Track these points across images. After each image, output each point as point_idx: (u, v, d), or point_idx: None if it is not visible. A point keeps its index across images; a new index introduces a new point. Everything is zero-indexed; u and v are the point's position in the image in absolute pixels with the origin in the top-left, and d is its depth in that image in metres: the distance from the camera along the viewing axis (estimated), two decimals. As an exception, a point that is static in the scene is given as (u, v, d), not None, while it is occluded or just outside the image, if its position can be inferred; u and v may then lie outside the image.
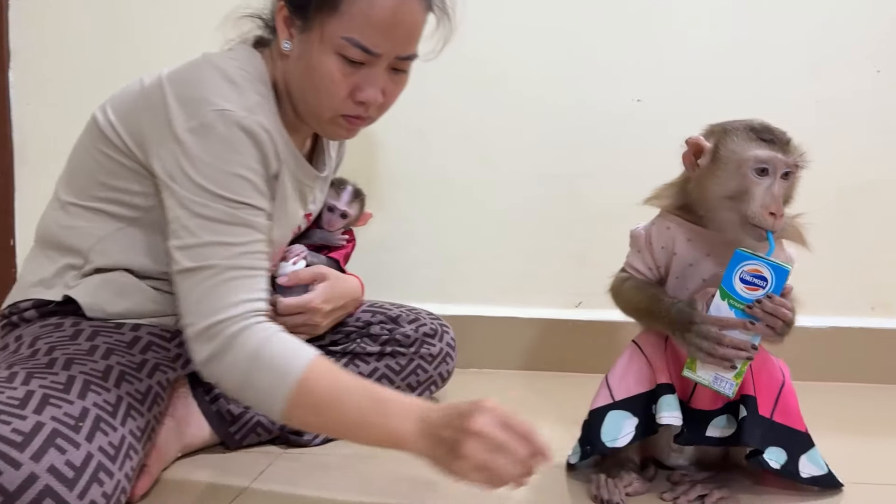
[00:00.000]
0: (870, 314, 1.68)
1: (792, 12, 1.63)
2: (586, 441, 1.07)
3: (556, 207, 1.74)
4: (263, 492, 1.06)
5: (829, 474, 1.05)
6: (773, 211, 0.96)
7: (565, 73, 1.70)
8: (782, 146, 0.98)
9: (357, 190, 1.40)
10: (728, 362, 0.96)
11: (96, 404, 0.93)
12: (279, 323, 1.21)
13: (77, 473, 0.85)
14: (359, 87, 1.04)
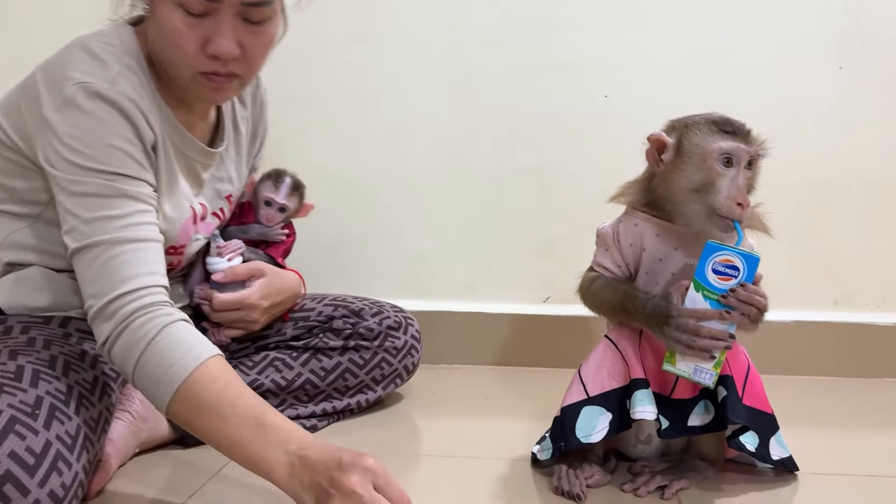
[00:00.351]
0: (833, 308, 1.69)
1: (756, 9, 1.65)
2: (559, 437, 1.05)
3: (525, 203, 1.74)
4: (221, 489, 1.05)
5: (791, 457, 1.08)
6: (739, 201, 0.97)
7: (533, 69, 1.71)
8: (744, 137, 1.00)
9: (296, 182, 1.36)
10: (707, 353, 0.97)
11: (49, 392, 0.92)
12: (214, 319, 1.22)
13: (37, 460, 0.84)
14: (208, 40, 0.99)
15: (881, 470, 1.13)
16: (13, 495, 0.82)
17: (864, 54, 1.63)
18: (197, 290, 1.26)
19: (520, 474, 1.11)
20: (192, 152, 1.14)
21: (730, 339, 0.97)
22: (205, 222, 1.21)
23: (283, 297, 1.30)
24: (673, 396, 1.04)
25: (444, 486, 1.06)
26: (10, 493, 0.82)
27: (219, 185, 1.23)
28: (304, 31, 1.72)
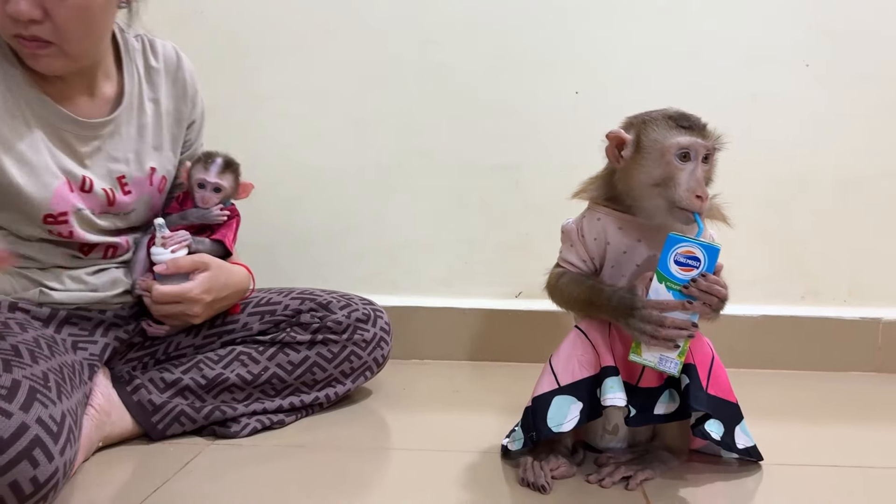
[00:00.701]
0: (800, 303, 1.72)
1: (725, 7, 1.66)
2: (531, 427, 1.06)
3: (496, 198, 1.74)
4: (186, 484, 1.04)
5: (756, 446, 1.09)
6: (698, 193, 0.98)
7: (504, 65, 1.71)
8: (700, 131, 1.01)
9: (228, 160, 1.32)
10: (671, 342, 0.99)
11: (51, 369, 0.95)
12: (153, 311, 1.21)
13: (59, 428, 0.88)
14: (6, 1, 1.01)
15: (844, 460, 1.15)
16: (41, 460, 0.85)
17: (830, 51, 1.66)
18: (139, 281, 1.24)
19: (488, 467, 1.11)
20: (57, 121, 1.13)
21: (693, 329, 0.98)
22: (90, 195, 1.18)
23: (228, 293, 1.28)
24: (640, 385, 1.05)
25: (412, 480, 1.06)
26: (38, 457, 0.84)
27: (111, 163, 1.21)
28: (275, 25, 1.73)
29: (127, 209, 1.24)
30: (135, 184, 1.24)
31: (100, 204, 1.19)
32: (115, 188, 1.21)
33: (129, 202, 1.23)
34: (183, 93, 1.31)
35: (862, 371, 1.68)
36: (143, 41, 1.28)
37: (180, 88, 1.31)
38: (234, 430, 1.21)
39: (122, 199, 1.22)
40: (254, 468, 1.10)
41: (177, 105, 1.31)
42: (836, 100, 1.67)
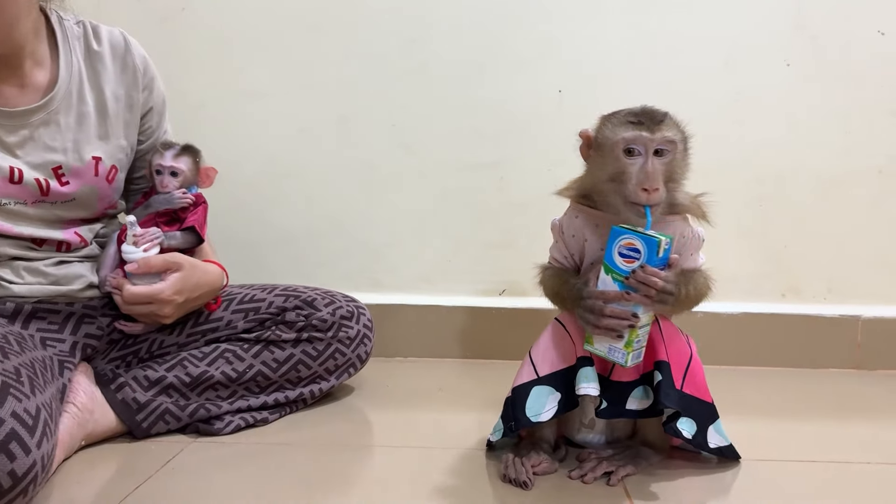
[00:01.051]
0: (780, 300, 1.73)
1: (707, 6, 1.68)
2: (510, 417, 1.07)
3: (480, 196, 1.75)
4: (169, 481, 1.04)
5: (731, 446, 1.10)
6: (645, 186, 0.99)
7: (489, 64, 1.72)
8: (650, 126, 1.01)
9: (185, 146, 1.29)
10: (614, 332, 1.00)
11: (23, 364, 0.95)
12: (124, 310, 1.21)
13: (34, 421, 0.88)
14: None
15: (823, 456, 1.16)
16: (17, 453, 0.84)
17: (811, 51, 1.67)
18: (108, 278, 1.22)
19: (471, 464, 1.12)
20: None
21: (633, 319, 0.99)
22: (20, 185, 1.15)
23: (201, 292, 1.26)
24: (612, 378, 1.06)
25: (395, 477, 1.07)
26: (14, 451, 0.84)
27: (46, 153, 1.17)
28: (259, 21, 1.73)
29: (65, 198, 1.20)
30: (73, 174, 1.20)
31: (31, 194, 1.16)
32: (51, 178, 1.18)
33: (68, 192, 1.19)
34: (134, 78, 1.28)
35: (841, 368, 1.69)
36: (84, 26, 1.25)
37: (130, 74, 1.27)
38: (217, 427, 1.21)
39: (58, 189, 1.18)
40: (236, 466, 1.10)
41: (128, 91, 1.27)
42: (817, 99, 1.68)
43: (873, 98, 1.68)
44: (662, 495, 1.01)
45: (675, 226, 1.07)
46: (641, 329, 1.00)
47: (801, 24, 1.67)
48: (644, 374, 1.05)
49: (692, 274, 1.07)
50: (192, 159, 1.29)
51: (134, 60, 1.28)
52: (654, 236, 0.98)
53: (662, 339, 1.04)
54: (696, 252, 1.09)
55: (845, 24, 1.66)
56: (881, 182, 1.70)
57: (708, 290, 1.09)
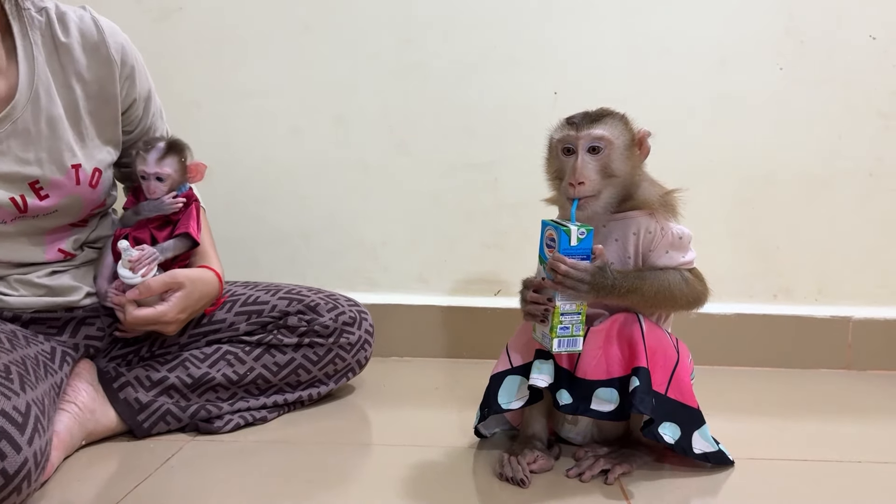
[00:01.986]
0: (772, 301, 1.75)
1: (701, 8, 1.69)
2: (485, 404, 1.12)
3: (476, 196, 1.76)
4: (167, 479, 1.05)
5: (719, 452, 1.10)
6: (570, 181, 1.04)
7: (484, 64, 1.72)
8: (580, 126, 1.06)
9: (169, 143, 1.21)
10: (535, 317, 1.05)
11: (12, 361, 0.95)
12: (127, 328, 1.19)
13: (24, 419, 0.88)
14: None
15: (814, 455, 1.18)
16: (8, 452, 0.85)
17: (803, 55, 1.69)
18: (111, 295, 1.19)
19: (466, 462, 1.13)
20: None
21: (548, 303, 1.03)
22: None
23: (202, 303, 1.25)
24: (577, 375, 1.07)
25: (393, 475, 1.07)
26: (4, 449, 0.84)
27: (20, 167, 1.08)
28: (255, 21, 1.73)
29: (47, 211, 1.12)
30: (52, 186, 1.11)
31: (8, 213, 1.09)
32: (28, 194, 1.09)
33: (48, 206, 1.12)
34: (109, 71, 1.16)
35: (832, 368, 1.71)
36: (48, 14, 1.11)
37: (105, 66, 1.16)
38: (217, 426, 1.22)
39: (37, 204, 1.10)
40: (235, 463, 1.11)
41: (102, 85, 1.16)
42: (808, 101, 1.70)
43: (864, 101, 1.70)
44: (658, 493, 1.03)
45: (637, 221, 1.09)
46: (566, 316, 1.03)
47: (792, 28, 1.69)
48: (620, 377, 1.05)
49: (659, 271, 1.08)
50: (176, 158, 1.21)
51: (108, 51, 1.15)
52: (566, 226, 1.01)
53: (644, 343, 1.05)
54: (671, 250, 1.09)
55: (837, 28, 1.68)
56: (871, 184, 1.72)
57: (685, 288, 1.09)
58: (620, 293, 1.04)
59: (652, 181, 1.12)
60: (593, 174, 1.04)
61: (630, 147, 1.07)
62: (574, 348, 1.04)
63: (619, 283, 1.04)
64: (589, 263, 1.02)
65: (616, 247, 1.10)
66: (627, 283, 1.04)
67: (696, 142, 1.71)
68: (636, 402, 1.00)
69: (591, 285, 1.01)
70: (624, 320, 1.08)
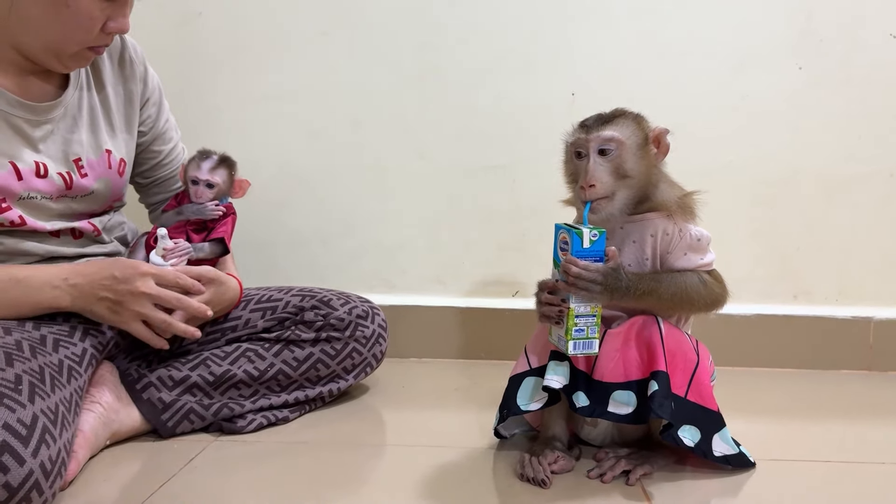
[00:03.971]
0: (792, 302, 1.74)
1: (717, 9, 1.69)
2: (504, 405, 1.12)
3: (493, 198, 1.76)
4: (191, 479, 1.06)
5: (740, 454, 1.09)
6: (582, 185, 1.05)
7: (500, 66, 1.73)
8: (590, 128, 1.07)
9: (222, 157, 1.33)
10: (549, 319, 1.06)
11: (25, 371, 0.95)
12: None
13: (29, 431, 0.88)
14: (111, 19, 1.11)
15: (836, 456, 1.17)
16: (10, 465, 0.85)
17: (822, 55, 1.68)
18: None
19: (486, 463, 1.13)
20: (8, 107, 1.13)
21: (562, 305, 1.03)
22: (44, 180, 1.17)
23: (224, 306, 1.30)
24: (594, 377, 1.07)
25: (413, 476, 1.08)
26: (7, 462, 0.85)
27: (67, 147, 1.21)
28: (273, 26, 1.75)
29: (85, 192, 1.23)
30: (91, 166, 1.23)
31: (57, 189, 1.19)
32: (73, 171, 1.21)
33: (87, 185, 1.23)
34: (131, 72, 1.31)
35: (853, 370, 1.70)
36: None
37: (127, 68, 1.31)
38: (240, 425, 1.23)
39: (79, 182, 1.21)
40: (257, 464, 1.12)
41: (126, 85, 1.31)
42: (827, 102, 1.69)
43: (884, 101, 1.69)
44: (680, 494, 1.02)
45: (655, 223, 1.09)
46: (581, 318, 1.03)
47: (811, 28, 1.68)
48: (637, 381, 1.05)
49: (676, 273, 1.08)
50: (227, 171, 1.33)
51: (131, 56, 1.31)
52: (578, 229, 1.01)
53: (663, 346, 1.05)
54: (689, 251, 1.09)
55: (856, 28, 1.67)
56: (892, 184, 1.70)
57: (703, 290, 1.08)
58: (636, 295, 1.04)
59: (671, 183, 1.12)
60: (605, 176, 1.05)
61: (643, 147, 1.07)
62: (590, 350, 1.04)
63: (635, 285, 1.04)
64: (602, 265, 1.02)
65: (633, 249, 1.10)
66: (643, 285, 1.04)
67: (716, 143, 1.71)
68: (655, 407, 1.00)
69: (603, 286, 1.01)
70: (643, 323, 1.08)
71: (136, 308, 1.13)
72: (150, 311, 1.14)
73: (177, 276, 1.17)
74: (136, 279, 1.12)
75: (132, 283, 1.12)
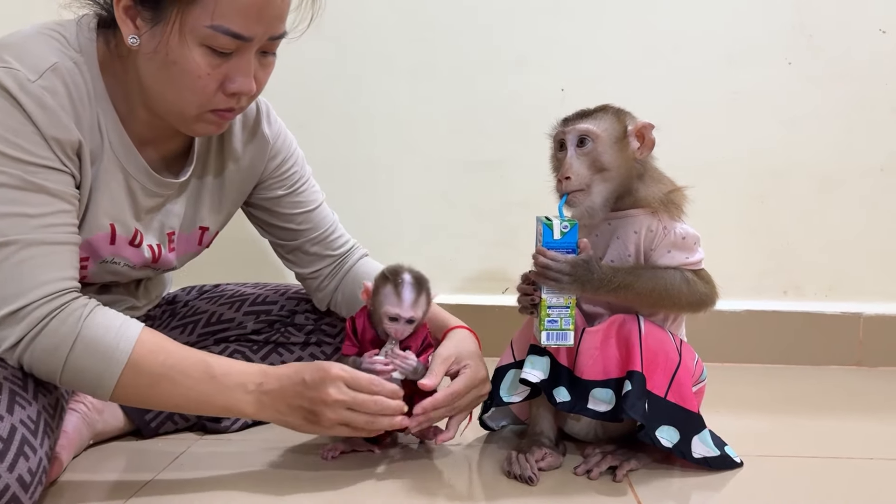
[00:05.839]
0: (782, 298, 1.74)
1: (708, 5, 1.68)
2: (489, 396, 1.13)
3: (483, 194, 1.76)
4: (174, 479, 1.04)
5: (722, 456, 1.07)
6: (559, 177, 1.06)
7: (491, 62, 1.72)
8: (569, 122, 1.09)
9: (417, 279, 1.11)
10: (525, 309, 1.07)
11: (6, 378, 0.91)
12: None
13: (5, 445, 0.84)
14: (229, 78, 0.96)
15: (825, 451, 1.17)
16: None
17: (812, 50, 1.68)
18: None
19: (473, 460, 1.13)
20: (134, 171, 1.05)
21: (534, 294, 1.04)
22: (136, 249, 1.10)
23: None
24: (575, 373, 1.07)
25: (400, 473, 1.07)
26: None
27: (165, 218, 1.13)
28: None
29: (168, 266, 1.18)
30: (181, 241, 1.17)
31: (143, 260, 1.12)
32: (164, 244, 1.14)
33: (173, 259, 1.17)
34: (262, 148, 1.19)
35: (843, 365, 1.71)
36: None
37: (259, 143, 1.19)
38: (224, 425, 1.22)
39: (166, 256, 1.15)
40: (242, 463, 1.10)
41: (252, 162, 1.19)
42: (818, 97, 1.69)
43: (874, 96, 1.69)
44: (667, 490, 1.02)
45: (639, 220, 1.08)
46: (553, 309, 1.02)
47: (801, 23, 1.68)
48: (616, 379, 1.04)
49: (658, 269, 1.06)
50: (427, 297, 1.12)
51: (264, 129, 1.19)
52: (547, 220, 1.02)
53: (641, 346, 1.03)
54: (674, 249, 1.07)
55: (847, 23, 1.67)
56: (882, 180, 1.70)
57: (686, 288, 1.06)
58: (610, 289, 1.03)
59: (657, 178, 1.11)
60: (582, 169, 1.05)
61: (621, 140, 1.07)
62: (564, 342, 1.03)
63: (609, 279, 1.03)
64: (571, 256, 1.01)
65: (617, 245, 1.10)
66: (618, 279, 1.03)
67: (707, 139, 1.70)
68: (627, 408, 0.99)
69: (573, 277, 1.01)
70: (623, 321, 1.07)
71: (331, 416, 0.98)
72: (349, 416, 0.98)
73: (371, 382, 1.01)
74: (326, 384, 0.97)
75: (322, 390, 0.97)
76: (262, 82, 1.02)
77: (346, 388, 0.98)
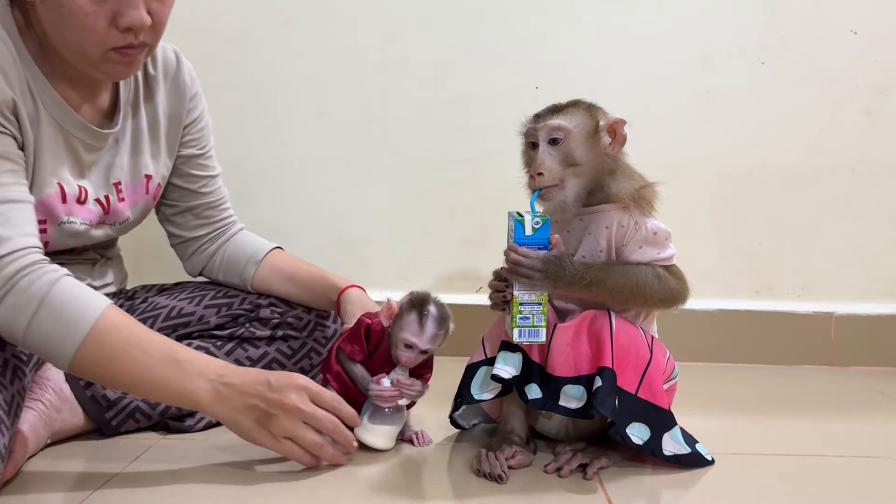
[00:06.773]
0: (754, 297, 1.74)
1: (681, 3, 1.69)
2: (459, 394, 1.12)
3: (457, 192, 1.75)
4: (134, 478, 1.02)
5: (693, 453, 1.07)
6: (531, 173, 1.05)
7: (465, 59, 1.71)
8: (540, 118, 1.08)
9: (441, 315, 1.11)
10: (497, 306, 1.05)
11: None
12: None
13: None
14: (119, 13, 0.97)
15: (796, 450, 1.17)
16: None
17: (785, 51, 1.69)
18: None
19: (443, 459, 1.11)
20: (72, 128, 1.09)
21: (506, 291, 1.03)
22: (83, 206, 1.13)
23: None
24: (547, 370, 1.06)
25: (369, 473, 1.05)
26: None
27: (109, 171, 1.17)
28: (235, 15, 1.71)
29: (121, 218, 1.20)
30: (128, 191, 1.20)
31: (97, 215, 1.15)
32: (111, 194, 1.17)
33: (124, 210, 1.20)
34: (182, 95, 1.26)
35: (815, 364, 1.71)
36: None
37: (179, 91, 1.26)
38: (188, 424, 1.19)
39: (116, 207, 1.18)
40: (205, 461, 1.08)
41: (175, 109, 1.26)
42: (790, 97, 1.70)
43: (846, 97, 1.70)
44: (638, 488, 1.01)
45: (610, 215, 1.08)
46: (525, 306, 1.01)
47: (774, 23, 1.69)
48: (587, 375, 1.03)
49: (630, 265, 1.06)
50: (445, 333, 1.12)
51: (184, 78, 1.26)
52: (519, 216, 1.01)
53: (611, 342, 1.03)
54: (645, 245, 1.07)
55: (818, 24, 1.68)
56: (854, 180, 1.71)
57: (657, 284, 1.05)
58: (582, 285, 1.03)
59: (629, 174, 1.10)
60: (554, 165, 1.04)
61: (593, 135, 1.06)
62: (536, 339, 1.02)
63: (580, 275, 1.02)
64: (543, 252, 1.01)
65: (589, 240, 1.09)
66: (590, 275, 1.03)
67: (679, 138, 1.70)
68: (597, 404, 0.98)
69: (544, 274, 1.00)
70: (594, 317, 1.07)
71: (285, 424, 0.98)
72: (301, 431, 0.99)
73: (334, 399, 1.02)
74: (290, 390, 0.97)
75: (284, 394, 0.97)
76: (159, 16, 1.02)
77: (308, 399, 0.99)
